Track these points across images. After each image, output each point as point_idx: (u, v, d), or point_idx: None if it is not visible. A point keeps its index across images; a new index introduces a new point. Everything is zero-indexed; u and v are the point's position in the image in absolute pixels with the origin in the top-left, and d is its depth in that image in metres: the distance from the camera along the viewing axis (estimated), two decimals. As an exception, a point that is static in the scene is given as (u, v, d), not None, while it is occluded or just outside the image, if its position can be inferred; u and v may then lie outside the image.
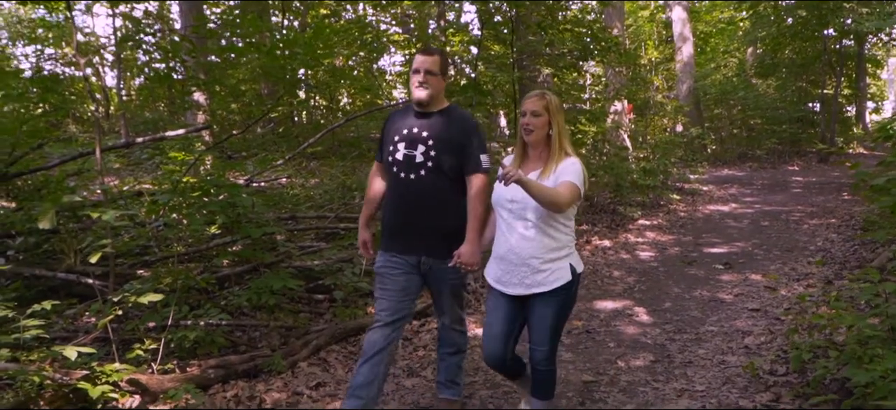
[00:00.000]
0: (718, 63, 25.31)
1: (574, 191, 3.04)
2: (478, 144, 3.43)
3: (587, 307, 6.27)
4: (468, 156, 3.41)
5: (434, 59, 3.43)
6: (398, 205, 3.51)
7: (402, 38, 12.49)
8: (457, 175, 3.43)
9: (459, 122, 3.47)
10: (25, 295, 4.98)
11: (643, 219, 10.61)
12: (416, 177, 3.44)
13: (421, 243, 3.47)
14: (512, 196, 3.12)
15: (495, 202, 3.25)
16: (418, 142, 3.43)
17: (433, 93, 3.42)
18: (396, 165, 3.48)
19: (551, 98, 3.21)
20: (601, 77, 14.18)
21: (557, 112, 3.18)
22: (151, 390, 3.89)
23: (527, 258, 3.13)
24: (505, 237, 3.21)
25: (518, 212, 3.13)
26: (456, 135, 3.42)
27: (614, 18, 13.87)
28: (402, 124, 3.52)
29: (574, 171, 3.08)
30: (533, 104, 3.17)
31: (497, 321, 3.30)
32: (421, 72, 3.41)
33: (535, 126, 3.15)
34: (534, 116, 3.15)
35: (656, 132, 15.99)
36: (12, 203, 7.66)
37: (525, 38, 8.93)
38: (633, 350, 5.07)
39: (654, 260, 8.20)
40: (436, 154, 3.40)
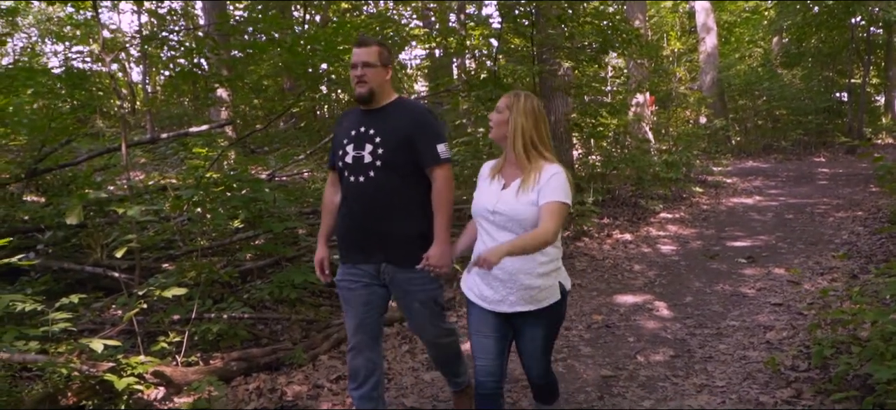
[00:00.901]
0: (743, 53, 24.97)
1: (562, 213, 2.77)
2: (432, 134, 3.14)
3: (607, 301, 6.26)
4: (422, 150, 3.12)
5: (371, 50, 3.15)
6: (350, 211, 3.22)
7: (422, 32, 12.50)
8: (412, 172, 3.14)
9: (408, 114, 3.19)
10: (54, 288, 5.10)
11: (665, 212, 10.55)
12: (365, 179, 3.14)
13: (377, 250, 3.18)
14: (494, 207, 2.86)
15: (476, 213, 2.96)
16: (365, 141, 3.16)
17: (374, 86, 3.15)
18: (346, 169, 3.21)
19: (520, 99, 2.88)
20: (623, 69, 14.09)
21: (523, 115, 2.84)
22: (175, 382, 3.97)
23: (513, 274, 2.84)
24: (485, 248, 2.83)
25: (502, 225, 2.85)
26: (404, 128, 3.13)
27: (636, 10, 13.77)
28: (350, 125, 3.27)
29: (558, 186, 2.78)
30: (500, 101, 2.95)
31: (486, 338, 2.99)
32: (358, 66, 3.14)
33: (494, 123, 2.92)
34: (496, 112, 2.93)
35: (679, 124, 15.83)
36: (42, 198, 7.83)
37: (545, 31, 8.90)
38: (652, 345, 5.06)
39: (675, 253, 8.15)
40: (384, 151, 3.12)
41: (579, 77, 10.62)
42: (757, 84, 20.37)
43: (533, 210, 2.76)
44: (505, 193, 2.86)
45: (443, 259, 3.05)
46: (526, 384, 4.40)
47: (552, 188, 2.77)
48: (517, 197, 2.81)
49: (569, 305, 6.08)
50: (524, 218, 2.77)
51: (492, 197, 2.89)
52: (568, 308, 5.98)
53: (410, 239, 3.14)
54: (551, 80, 9.43)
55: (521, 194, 2.80)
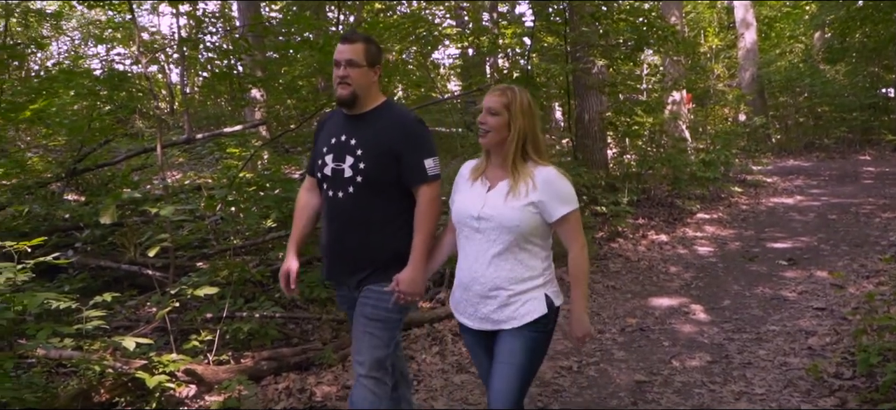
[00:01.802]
0: (783, 49, 24.41)
1: (580, 221, 2.58)
2: (419, 148, 2.80)
3: (641, 304, 6.15)
4: (408, 165, 2.78)
5: (356, 47, 2.81)
6: (329, 227, 2.94)
7: (455, 32, 12.47)
8: (395, 188, 2.82)
9: (394, 123, 2.83)
10: (91, 285, 5.20)
11: (702, 213, 10.34)
12: (344, 196, 2.83)
13: (353, 274, 2.89)
14: (480, 212, 2.56)
15: (458, 219, 2.66)
16: (346, 152, 2.83)
17: (358, 89, 2.81)
18: (325, 182, 2.91)
19: (517, 95, 2.58)
20: (658, 66, 13.86)
21: (522, 114, 2.56)
22: (206, 380, 4.00)
23: (494, 289, 2.55)
24: (469, 262, 2.62)
25: (487, 233, 2.55)
26: (389, 141, 2.79)
27: (672, 6, 13.53)
28: (331, 132, 2.94)
29: (565, 193, 2.55)
30: (491, 99, 2.59)
31: (481, 359, 2.74)
32: (341, 65, 2.80)
33: (492, 126, 2.56)
34: (490, 114, 2.57)
35: (717, 122, 15.53)
36: (82, 197, 8.00)
37: (579, 29, 8.79)
38: (688, 350, 4.94)
39: (713, 255, 7.98)
40: (366, 166, 2.79)
41: (614, 75, 10.47)
42: (798, 80, 19.88)
43: (524, 215, 2.50)
44: (491, 196, 2.58)
45: (414, 285, 2.74)
46: (557, 387, 4.33)
47: (559, 197, 2.54)
48: (506, 200, 2.53)
49: (602, 307, 6.00)
50: (514, 225, 2.50)
51: (476, 201, 2.60)
52: (602, 310, 5.93)
53: (388, 262, 2.82)
54: (585, 79, 9.32)
55: (510, 198, 2.53)
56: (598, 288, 6.62)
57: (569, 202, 2.54)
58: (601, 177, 9.15)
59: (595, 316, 5.82)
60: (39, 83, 6.33)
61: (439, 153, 2.96)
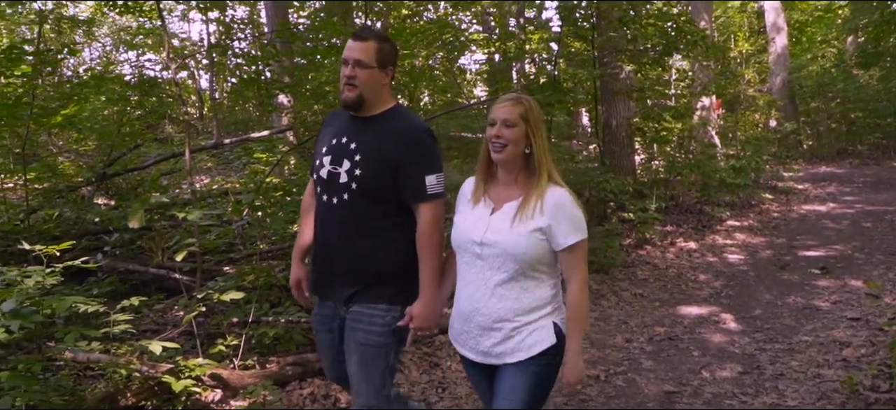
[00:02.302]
0: (815, 54, 23.98)
1: (586, 254, 2.36)
2: (421, 161, 2.54)
3: (670, 312, 6.05)
4: (406, 179, 2.54)
5: (367, 46, 2.59)
6: (319, 237, 2.74)
7: (481, 37, 12.44)
8: (393, 202, 2.59)
9: (398, 131, 2.59)
10: (120, 288, 5.25)
11: (732, 220, 10.17)
12: (338, 202, 2.62)
13: (340, 287, 2.66)
14: (483, 237, 2.34)
15: (457, 243, 2.45)
16: (344, 155, 2.62)
17: (366, 91, 2.59)
18: (320, 184, 2.71)
19: (530, 103, 2.38)
20: (687, 71, 13.69)
21: (539, 123, 2.37)
22: (232, 385, 4.01)
23: (498, 321, 2.34)
24: (469, 290, 2.39)
25: (489, 260, 2.34)
26: (390, 149, 2.56)
27: (701, 10, 13.37)
28: (334, 131, 2.73)
29: (574, 220, 2.32)
30: (506, 110, 2.34)
31: (483, 393, 2.56)
32: (349, 64, 2.59)
33: (509, 139, 2.32)
34: (506, 127, 2.33)
35: (747, 128, 15.30)
36: (111, 201, 8.11)
37: (607, 34, 8.71)
38: (719, 360, 4.85)
39: (743, 263, 7.85)
40: (362, 173, 2.57)
41: (642, 80, 10.36)
42: (830, 85, 19.52)
43: (530, 242, 2.28)
44: (496, 219, 2.36)
45: (427, 319, 2.54)
46: (584, 397, 4.27)
47: (568, 224, 2.30)
48: (513, 224, 2.31)
49: (629, 315, 5.92)
50: (520, 253, 2.28)
51: (479, 224, 2.38)
52: (629, 318, 5.85)
53: (380, 280, 2.59)
54: (613, 84, 9.22)
55: (517, 222, 2.31)
56: (626, 295, 6.54)
57: (578, 230, 2.31)
58: (629, 183, 9.05)
59: (622, 324, 5.74)
60: (71, 88, 6.42)
61: (465, 159, 2.79)
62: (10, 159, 7.13)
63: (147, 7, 7.67)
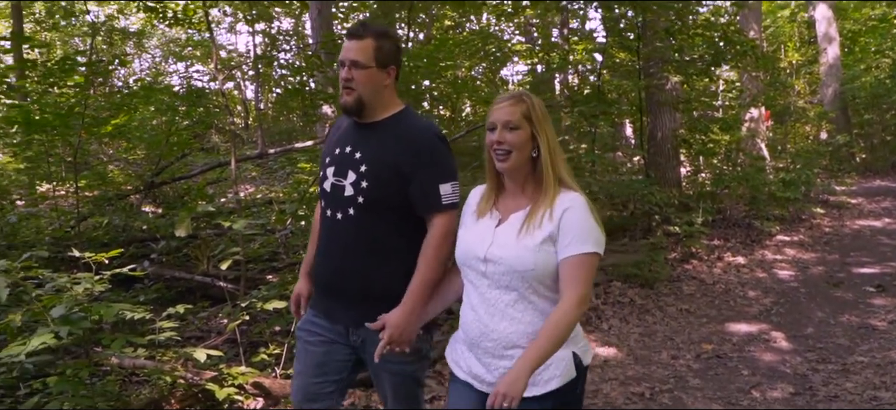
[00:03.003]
0: (869, 64, 23.27)
1: (593, 271, 2.03)
2: (434, 168, 2.33)
3: (718, 329, 5.89)
4: (418, 189, 2.33)
5: (364, 45, 2.36)
6: (324, 254, 2.52)
7: (525, 48, 12.40)
8: (403, 214, 2.37)
9: (406, 137, 2.38)
10: (165, 295, 5.34)
11: (782, 235, 9.89)
12: (343, 217, 2.40)
13: (348, 309, 2.44)
14: (487, 253, 2.08)
15: (461, 260, 2.18)
16: (349, 166, 2.41)
17: (365, 94, 2.37)
18: (325, 199, 2.50)
19: (532, 100, 2.10)
20: (735, 82, 13.41)
21: (544, 121, 2.08)
22: (274, 394, 4.01)
23: (509, 346, 2.04)
24: (475, 313, 2.11)
25: (496, 279, 2.06)
26: (397, 156, 2.35)
27: (751, 20, 13.11)
28: (338, 141, 2.52)
29: (583, 228, 2.01)
30: (505, 112, 2.06)
31: None
32: (346, 65, 2.37)
33: (513, 144, 2.04)
34: (508, 130, 2.05)
35: (798, 140, 14.92)
36: (158, 209, 8.28)
37: (652, 44, 8.58)
38: (769, 380, 4.68)
39: (794, 279, 7.60)
40: (369, 185, 2.36)
41: (688, 91, 10.18)
42: (885, 97, 18.91)
43: (540, 256, 1.99)
44: (502, 232, 2.09)
45: (404, 331, 2.25)
46: (629, 415, 4.16)
47: (575, 232, 2.01)
48: (520, 237, 2.03)
49: (675, 331, 5.78)
50: (527, 268, 2.00)
51: (484, 238, 2.11)
52: (675, 334, 5.71)
53: (393, 300, 2.32)
54: (658, 95, 9.08)
55: (525, 233, 2.03)
56: (671, 311, 6.39)
57: (587, 241, 2.00)
58: (674, 195, 8.88)
59: (668, 340, 5.61)
60: (121, 98, 6.58)
61: None
62: (62, 167, 7.33)
63: (196, 19, 7.83)
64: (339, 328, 2.48)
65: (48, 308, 3.22)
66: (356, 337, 2.45)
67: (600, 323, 5.86)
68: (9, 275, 3.44)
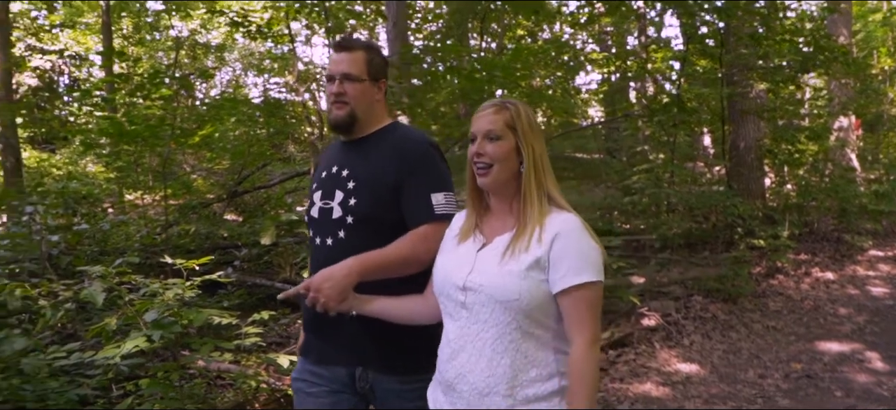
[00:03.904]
0: (969, 70, 21.92)
1: (599, 305, 1.75)
2: (425, 177, 2.13)
3: (807, 347, 5.62)
4: (408, 199, 2.12)
5: (355, 57, 2.22)
6: None
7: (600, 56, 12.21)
8: (397, 234, 2.11)
9: (395, 147, 2.19)
10: (247, 301, 5.47)
11: (875, 250, 9.38)
12: (334, 242, 2.16)
13: (349, 348, 2.16)
14: (466, 281, 1.80)
15: (438, 288, 1.89)
16: (336, 186, 2.21)
17: (357, 109, 2.21)
18: (312, 227, 2.27)
19: (518, 108, 1.86)
20: (822, 90, 12.84)
21: (531, 131, 1.83)
22: (352, 402, 4.04)
23: (485, 393, 1.75)
24: (451, 350, 1.83)
25: (475, 310, 1.78)
26: (387, 168, 2.14)
27: (840, 24, 12.52)
28: (325, 164, 2.34)
29: (581, 252, 1.73)
30: (487, 120, 1.84)
31: None
32: (335, 80, 2.21)
33: (495, 156, 1.81)
34: (489, 141, 1.82)
35: (891, 150, 14.13)
36: (240, 217, 8.53)
37: (736, 51, 8.29)
38: (864, 401, 4.43)
39: (889, 297, 7.19)
40: (358, 202, 2.15)
41: (772, 98, 9.80)
42: None
43: (527, 284, 1.71)
44: (484, 257, 1.82)
45: (331, 287, 1.96)
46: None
47: (571, 260, 1.72)
48: (503, 262, 1.76)
49: (762, 349, 5.56)
50: (511, 299, 1.72)
51: (463, 264, 1.84)
52: (762, 352, 5.47)
53: (393, 330, 2.07)
54: (741, 103, 8.78)
55: (509, 258, 1.76)
56: (757, 327, 6.14)
57: (586, 269, 1.71)
58: (758, 207, 8.55)
59: (754, 358, 5.38)
60: (207, 110, 6.82)
61: (582, 180, 2.30)
62: (149, 177, 7.66)
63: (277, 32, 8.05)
64: (340, 372, 2.18)
65: (141, 312, 3.35)
66: (364, 382, 2.16)
67: (681, 339, 5.68)
68: (104, 281, 3.61)
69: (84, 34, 18.36)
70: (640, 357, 5.23)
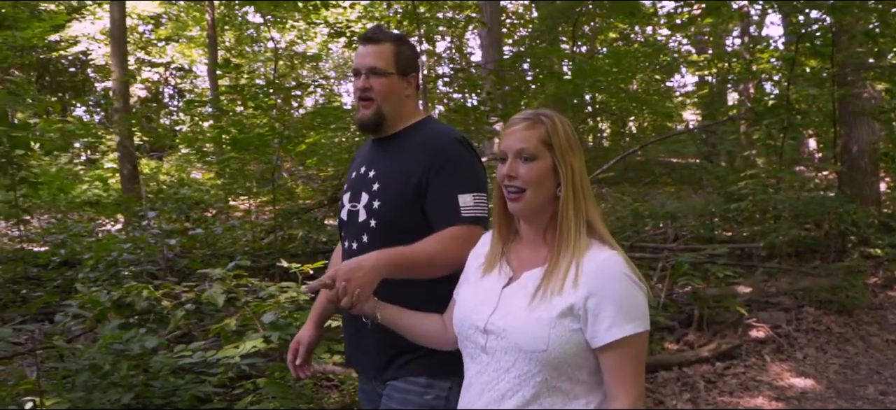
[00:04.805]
0: None
1: (643, 359, 1.53)
2: (452, 176, 1.95)
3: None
4: (434, 200, 1.95)
5: (381, 50, 2.05)
6: None
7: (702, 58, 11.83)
8: (420, 233, 1.94)
9: (422, 145, 2.02)
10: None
11: None
12: (358, 247, 2.03)
13: (371, 357, 2.05)
14: (488, 322, 1.57)
15: (459, 328, 1.67)
16: (362, 188, 2.08)
17: (385, 105, 2.05)
18: (342, 229, 2.17)
19: (555, 122, 1.60)
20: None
21: (569, 148, 1.58)
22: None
23: None
24: (469, 395, 1.64)
25: (497, 356, 1.56)
26: (412, 167, 1.99)
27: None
28: (355, 165, 2.23)
29: (629, 301, 1.49)
30: (519, 136, 1.59)
31: None
32: (361, 74, 2.06)
33: (528, 179, 1.57)
34: (522, 160, 1.58)
35: None
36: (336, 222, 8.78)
37: (849, 50, 7.86)
38: None
39: None
40: (382, 205, 2.00)
41: (888, 99, 9.22)
42: None
43: (557, 333, 1.48)
44: (509, 296, 1.59)
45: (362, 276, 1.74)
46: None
47: (614, 308, 1.48)
48: (532, 304, 1.52)
49: (882, 364, 5.27)
50: (539, 349, 1.48)
51: (486, 302, 1.61)
52: (882, 367, 5.15)
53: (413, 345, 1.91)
54: (854, 105, 8.31)
55: (539, 300, 1.52)
56: (875, 341, 5.79)
57: (632, 319, 1.48)
58: (873, 214, 8.06)
59: (874, 373, 5.08)
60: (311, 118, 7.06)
61: (679, 185, 1.98)
62: (254, 183, 7.98)
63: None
64: (378, 388, 2.06)
65: (259, 314, 3.49)
66: (379, 389, 2.06)
67: (794, 352, 5.42)
68: (223, 284, 3.78)
69: (188, 47, 19.33)
70: (750, 370, 5.03)
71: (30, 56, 13.07)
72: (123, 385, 3.21)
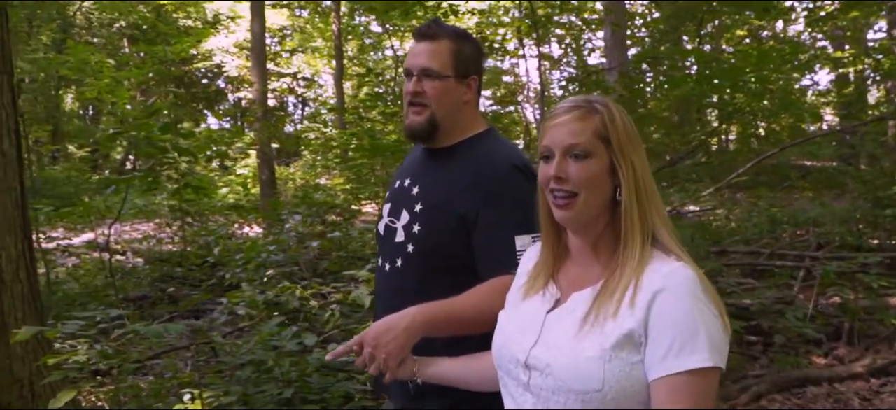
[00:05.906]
0: None
1: (708, 398, 1.16)
2: (506, 213, 1.65)
3: None
4: (482, 238, 1.67)
5: (437, 48, 1.76)
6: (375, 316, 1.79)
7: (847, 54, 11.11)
8: (464, 271, 1.66)
9: (474, 167, 1.73)
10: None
11: None
12: (391, 270, 1.79)
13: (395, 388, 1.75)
14: (528, 354, 1.27)
15: (498, 361, 1.38)
16: (404, 204, 1.81)
17: (439, 112, 1.77)
18: (378, 242, 1.92)
19: (611, 111, 1.30)
20: None
21: (629, 142, 1.28)
22: None
23: None
24: None
25: (544, 398, 1.25)
26: (460, 192, 1.71)
27: None
28: (401, 172, 1.96)
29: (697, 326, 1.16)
30: (567, 130, 1.28)
31: None
32: (414, 75, 1.77)
33: (580, 181, 1.26)
34: (573, 158, 1.27)
35: None
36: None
37: None
38: None
39: None
40: (421, 230, 1.74)
41: None
42: None
43: (612, 369, 1.17)
44: (555, 322, 1.29)
45: (392, 340, 1.49)
46: None
47: (675, 333, 1.16)
48: (581, 333, 1.22)
49: None
50: (595, 389, 1.18)
51: (527, 330, 1.32)
52: None
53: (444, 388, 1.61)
54: None
55: (590, 328, 1.22)
56: None
57: (699, 347, 1.15)
58: None
59: None
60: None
61: (819, 190, 1.63)
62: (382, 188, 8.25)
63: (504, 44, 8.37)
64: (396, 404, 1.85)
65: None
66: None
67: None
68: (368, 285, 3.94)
69: (313, 57, 20.25)
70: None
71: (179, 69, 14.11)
72: (283, 380, 3.40)
